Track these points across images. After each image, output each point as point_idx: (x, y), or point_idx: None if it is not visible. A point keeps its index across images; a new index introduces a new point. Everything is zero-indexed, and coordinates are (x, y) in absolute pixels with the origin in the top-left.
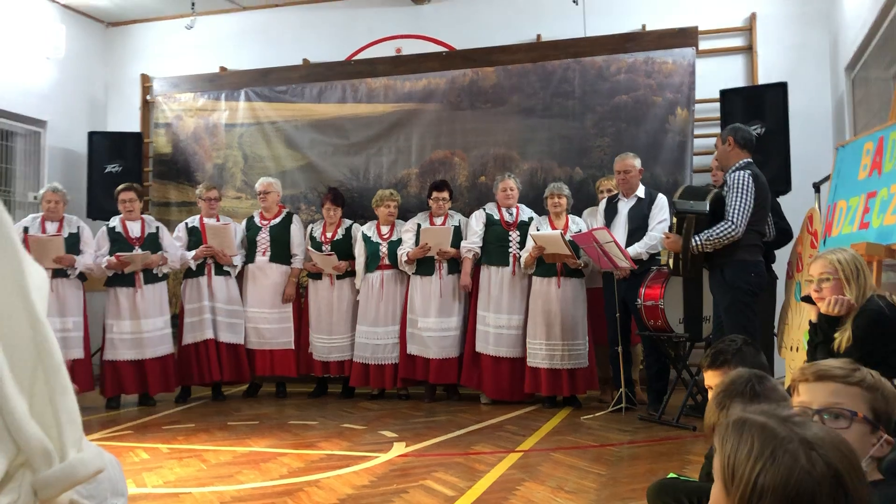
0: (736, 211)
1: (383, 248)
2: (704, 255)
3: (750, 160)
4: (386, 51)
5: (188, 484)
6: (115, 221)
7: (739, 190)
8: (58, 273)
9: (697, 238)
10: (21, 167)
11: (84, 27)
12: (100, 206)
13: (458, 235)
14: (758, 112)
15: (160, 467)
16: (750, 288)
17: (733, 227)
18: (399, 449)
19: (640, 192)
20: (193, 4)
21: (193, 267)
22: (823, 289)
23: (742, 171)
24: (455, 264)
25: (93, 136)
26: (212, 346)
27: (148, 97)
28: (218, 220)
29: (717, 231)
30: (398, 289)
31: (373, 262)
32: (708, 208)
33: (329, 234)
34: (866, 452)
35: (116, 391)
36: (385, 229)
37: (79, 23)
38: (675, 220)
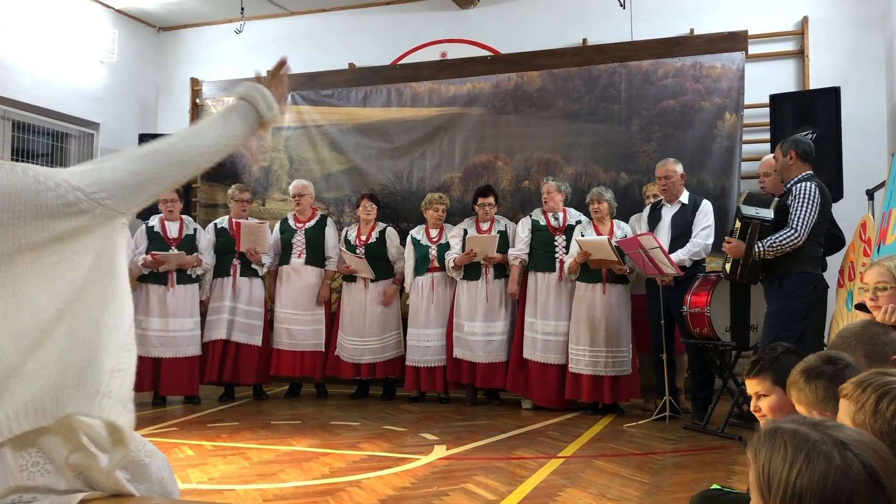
0: (800, 219)
1: (433, 251)
2: (763, 264)
3: (812, 172)
4: (431, 55)
5: (232, 481)
6: (154, 220)
7: (805, 200)
8: None
9: (760, 244)
10: None
11: (136, 32)
12: (148, 207)
13: (504, 241)
14: (809, 117)
15: (204, 464)
16: (806, 300)
17: (795, 234)
18: (440, 452)
19: (684, 197)
20: (243, 9)
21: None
22: (880, 297)
23: (809, 182)
24: (501, 269)
25: (143, 138)
26: (219, 345)
27: (197, 100)
28: (248, 220)
29: (780, 238)
30: (447, 292)
31: (422, 265)
32: (773, 216)
33: (363, 237)
34: None
35: (136, 387)
36: (434, 232)
37: (131, 27)
38: (738, 225)
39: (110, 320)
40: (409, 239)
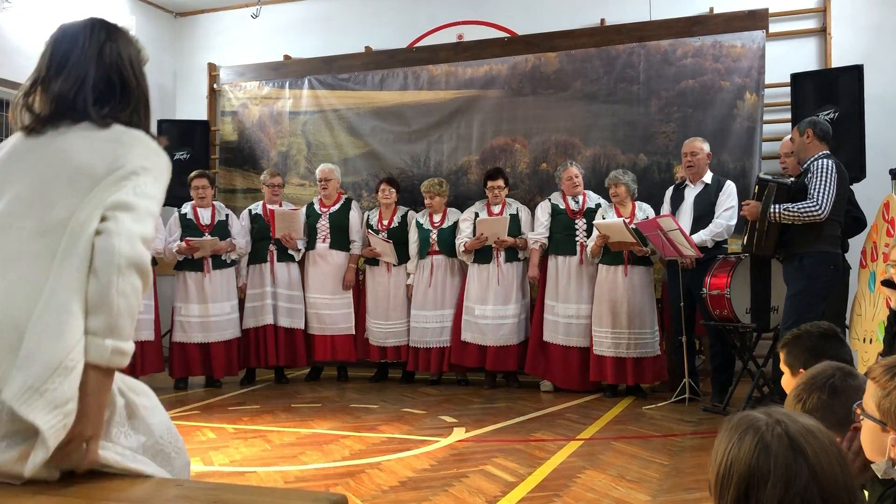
0: (820, 193)
1: (433, 235)
2: (780, 242)
3: (829, 152)
4: (448, 37)
5: (253, 463)
6: (186, 208)
7: (824, 175)
8: None
9: (776, 206)
10: None
11: (153, 18)
12: (168, 192)
13: (515, 223)
14: (831, 96)
15: (226, 446)
16: (827, 280)
17: (817, 206)
18: (459, 434)
19: (708, 178)
20: None
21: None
22: None
23: (826, 159)
24: (513, 252)
25: (162, 124)
26: (270, 330)
27: (215, 86)
28: (280, 206)
29: (800, 206)
30: (447, 274)
31: (423, 249)
32: (791, 184)
33: (385, 222)
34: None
35: (184, 373)
36: (437, 217)
37: (148, 13)
38: (756, 189)
39: (76, 307)
40: (413, 222)
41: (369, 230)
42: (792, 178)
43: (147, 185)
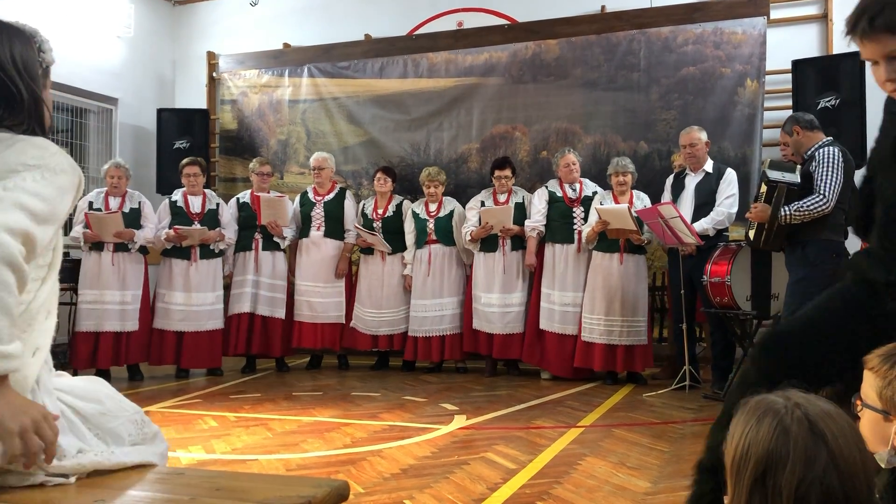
0: (827, 185)
1: (430, 225)
2: (786, 231)
3: (831, 138)
4: (447, 24)
5: (255, 451)
6: (177, 195)
7: (830, 165)
8: (119, 247)
9: (787, 209)
10: (94, 143)
11: (152, 6)
12: (168, 182)
13: (521, 212)
14: (832, 83)
15: (228, 434)
16: (830, 268)
17: (824, 200)
18: (460, 421)
19: (708, 166)
20: None
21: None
22: None
23: (832, 147)
24: (519, 241)
25: (161, 113)
26: (245, 319)
27: (214, 74)
28: (268, 194)
29: (808, 203)
30: (445, 263)
31: (420, 238)
32: (799, 180)
33: (380, 211)
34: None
35: (158, 361)
36: (433, 206)
37: (147, 2)
38: (763, 189)
39: None
40: (409, 212)
41: (358, 224)
42: (799, 178)
43: (26, 180)
